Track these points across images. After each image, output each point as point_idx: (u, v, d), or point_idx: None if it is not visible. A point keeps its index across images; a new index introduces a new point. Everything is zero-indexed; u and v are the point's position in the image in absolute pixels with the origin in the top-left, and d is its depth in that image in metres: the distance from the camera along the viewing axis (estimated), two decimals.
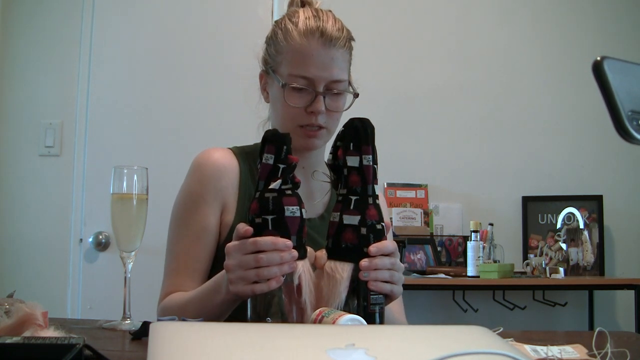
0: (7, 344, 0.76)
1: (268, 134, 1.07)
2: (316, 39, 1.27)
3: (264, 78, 1.42)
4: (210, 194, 1.32)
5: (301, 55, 1.28)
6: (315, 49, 1.27)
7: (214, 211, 1.32)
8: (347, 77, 1.33)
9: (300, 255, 1.03)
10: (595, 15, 3.29)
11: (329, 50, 1.27)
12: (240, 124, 3.08)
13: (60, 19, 3.02)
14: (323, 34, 1.28)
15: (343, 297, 1.02)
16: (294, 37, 1.29)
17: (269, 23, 3.15)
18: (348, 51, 1.33)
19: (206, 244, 1.31)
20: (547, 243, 3.12)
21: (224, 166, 1.35)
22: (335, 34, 1.29)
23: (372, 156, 1.07)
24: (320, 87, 1.28)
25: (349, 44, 1.33)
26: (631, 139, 0.66)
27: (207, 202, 1.32)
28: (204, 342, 0.64)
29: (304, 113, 1.29)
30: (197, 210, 1.32)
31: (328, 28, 1.28)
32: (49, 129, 2.96)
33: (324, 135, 1.34)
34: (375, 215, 1.06)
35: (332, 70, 1.28)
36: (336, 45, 1.28)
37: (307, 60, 1.27)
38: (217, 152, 1.37)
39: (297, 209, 1.04)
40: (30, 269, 2.89)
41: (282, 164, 1.05)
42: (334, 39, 1.28)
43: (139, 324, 1.10)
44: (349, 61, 1.35)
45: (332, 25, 1.29)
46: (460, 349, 0.58)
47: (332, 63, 1.28)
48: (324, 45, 1.27)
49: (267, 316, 1.01)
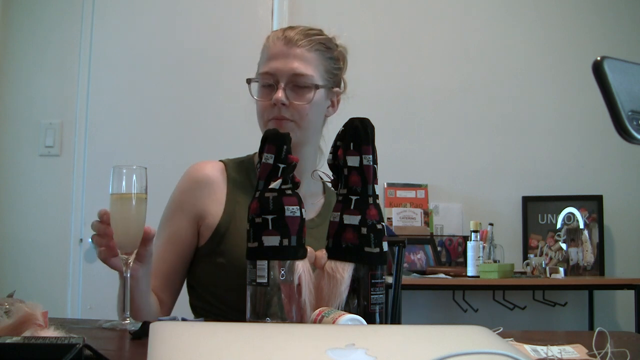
0: (7, 344, 0.76)
1: (268, 133, 1.07)
2: (279, 40, 1.40)
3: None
4: (188, 204, 1.43)
5: (266, 55, 1.41)
6: (278, 47, 1.39)
7: (188, 218, 1.42)
8: (311, 73, 1.39)
9: (300, 255, 1.03)
10: (595, 15, 3.29)
11: (289, 48, 1.38)
12: (240, 124, 3.09)
13: (60, 19, 3.02)
14: (286, 36, 1.40)
15: (344, 297, 1.02)
16: (267, 43, 1.43)
17: (269, 23, 3.17)
18: (317, 54, 1.41)
19: (175, 248, 1.42)
20: (547, 243, 3.12)
21: (207, 176, 1.45)
22: (297, 36, 1.40)
23: (372, 156, 1.07)
24: (282, 81, 1.37)
25: (318, 47, 1.42)
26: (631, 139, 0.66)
27: (184, 210, 1.42)
28: (203, 342, 0.64)
29: (271, 107, 1.37)
30: (174, 217, 1.44)
31: (292, 33, 1.41)
32: (49, 129, 2.96)
33: (292, 128, 1.37)
34: (376, 215, 1.06)
35: (292, 64, 1.37)
36: (298, 44, 1.39)
37: (270, 58, 1.39)
38: (207, 166, 1.47)
39: (297, 208, 1.04)
40: (30, 269, 2.89)
41: (282, 163, 1.05)
42: (295, 40, 1.39)
43: (138, 323, 1.10)
44: (322, 64, 1.42)
45: (298, 31, 1.42)
46: (461, 349, 0.58)
47: (293, 59, 1.38)
48: (285, 45, 1.39)
49: (266, 316, 1.01)
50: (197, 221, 1.42)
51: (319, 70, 1.41)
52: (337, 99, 1.48)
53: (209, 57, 3.05)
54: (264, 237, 1.02)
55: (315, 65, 1.41)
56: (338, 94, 1.47)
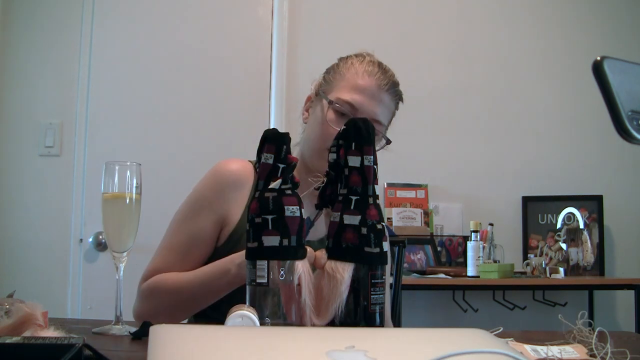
0: (7, 344, 0.76)
1: (268, 133, 1.07)
2: (374, 77, 1.39)
3: (310, 100, 1.50)
4: (217, 203, 1.40)
5: (355, 85, 1.38)
6: (369, 84, 1.38)
7: (214, 218, 1.40)
8: (385, 123, 1.43)
9: (300, 255, 1.03)
10: (595, 15, 3.29)
11: (380, 90, 1.39)
12: (240, 124, 3.09)
13: (60, 19, 3.02)
14: (381, 76, 1.40)
15: (344, 297, 1.02)
16: (355, 70, 1.40)
17: (269, 23, 3.17)
18: (394, 103, 1.45)
19: (198, 244, 1.40)
20: (547, 243, 3.12)
21: (239, 179, 1.43)
22: (389, 82, 1.41)
23: (373, 157, 1.07)
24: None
25: (397, 98, 1.45)
26: (631, 139, 0.66)
27: (212, 209, 1.40)
28: (203, 345, 0.63)
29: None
30: (200, 214, 1.40)
31: (387, 74, 1.42)
32: (49, 129, 2.96)
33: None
34: (376, 215, 1.06)
35: (376, 108, 1.38)
36: (388, 90, 1.40)
37: (358, 90, 1.38)
38: (235, 164, 1.45)
39: (297, 208, 1.03)
40: (30, 269, 2.89)
41: (282, 163, 1.05)
42: (389, 83, 1.40)
43: (131, 328, 1.10)
44: (393, 114, 1.46)
45: (391, 74, 1.43)
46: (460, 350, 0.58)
47: (379, 103, 1.39)
48: (378, 85, 1.39)
49: (266, 316, 1.01)
50: (221, 222, 1.40)
51: (388, 120, 1.45)
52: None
53: (209, 57, 3.05)
54: (263, 237, 1.02)
55: (389, 116, 1.45)
56: (382, 146, 1.46)
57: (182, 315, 1.36)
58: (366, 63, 1.42)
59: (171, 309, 1.32)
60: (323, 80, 1.46)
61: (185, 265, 1.37)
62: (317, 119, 1.40)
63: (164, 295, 1.34)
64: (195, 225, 1.39)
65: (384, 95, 1.39)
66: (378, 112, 1.39)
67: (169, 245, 1.40)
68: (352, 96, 1.37)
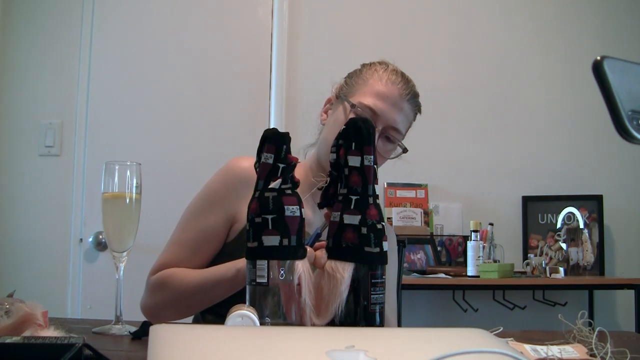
0: (7, 343, 0.76)
1: (268, 133, 1.07)
2: (396, 85, 1.42)
3: (330, 102, 1.52)
4: (228, 199, 1.41)
5: (377, 91, 1.41)
6: (391, 92, 1.41)
7: (225, 215, 1.41)
8: (403, 132, 1.47)
9: (300, 255, 1.03)
10: (595, 15, 3.29)
11: (402, 99, 1.42)
12: (240, 124, 3.09)
13: (60, 19, 3.02)
14: (403, 85, 1.43)
15: (344, 297, 1.02)
16: (379, 76, 1.43)
17: (269, 23, 3.17)
18: (413, 114, 1.48)
19: (208, 240, 1.40)
20: (547, 243, 3.12)
21: (250, 176, 1.41)
22: (411, 92, 1.44)
23: (373, 157, 1.07)
24: (380, 124, 1.39)
25: (416, 109, 1.49)
26: (631, 138, 0.66)
27: (224, 206, 1.41)
28: (203, 345, 0.63)
29: None
30: (211, 209, 1.41)
31: (409, 84, 1.45)
32: (49, 129, 2.96)
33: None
34: (376, 215, 1.06)
35: (396, 115, 1.41)
36: (409, 100, 1.44)
37: (381, 97, 1.41)
38: (247, 161, 1.44)
39: (297, 208, 1.03)
40: (30, 269, 2.89)
41: (282, 163, 1.05)
42: (410, 93, 1.44)
43: (131, 327, 1.10)
44: (410, 124, 1.49)
45: (412, 85, 1.47)
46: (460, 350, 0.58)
47: (400, 111, 1.42)
48: (400, 94, 1.42)
49: (266, 316, 1.01)
50: (232, 219, 1.40)
51: (406, 129, 1.48)
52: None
53: (209, 57, 3.05)
54: (263, 236, 1.02)
55: (407, 126, 1.48)
56: (398, 154, 1.51)
57: (187, 311, 1.37)
58: (390, 71, 1.45)
59: (177, 303, 1.33)
60: (345, 84, 1.48)
61: (195, 261, 1.38)
62: (337, 121, 1.41)
63: (172, 289, 1.34)
64: (205, 221, 1.40)
65: (404, 104, 1.42)
66: (398, 120, 1.41)
67: (179, 240, 1.41)
68: (374, 102, 1.39)
